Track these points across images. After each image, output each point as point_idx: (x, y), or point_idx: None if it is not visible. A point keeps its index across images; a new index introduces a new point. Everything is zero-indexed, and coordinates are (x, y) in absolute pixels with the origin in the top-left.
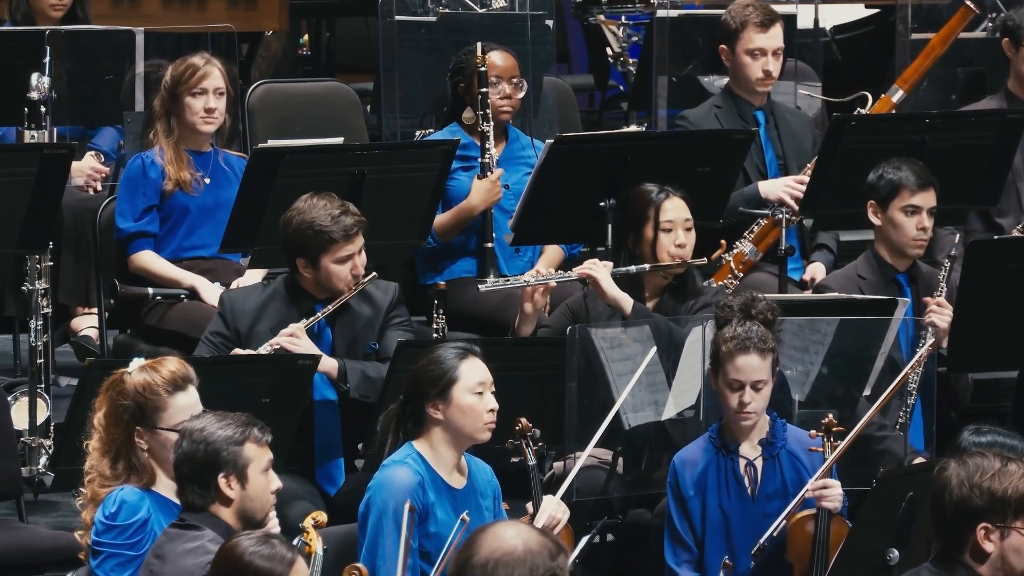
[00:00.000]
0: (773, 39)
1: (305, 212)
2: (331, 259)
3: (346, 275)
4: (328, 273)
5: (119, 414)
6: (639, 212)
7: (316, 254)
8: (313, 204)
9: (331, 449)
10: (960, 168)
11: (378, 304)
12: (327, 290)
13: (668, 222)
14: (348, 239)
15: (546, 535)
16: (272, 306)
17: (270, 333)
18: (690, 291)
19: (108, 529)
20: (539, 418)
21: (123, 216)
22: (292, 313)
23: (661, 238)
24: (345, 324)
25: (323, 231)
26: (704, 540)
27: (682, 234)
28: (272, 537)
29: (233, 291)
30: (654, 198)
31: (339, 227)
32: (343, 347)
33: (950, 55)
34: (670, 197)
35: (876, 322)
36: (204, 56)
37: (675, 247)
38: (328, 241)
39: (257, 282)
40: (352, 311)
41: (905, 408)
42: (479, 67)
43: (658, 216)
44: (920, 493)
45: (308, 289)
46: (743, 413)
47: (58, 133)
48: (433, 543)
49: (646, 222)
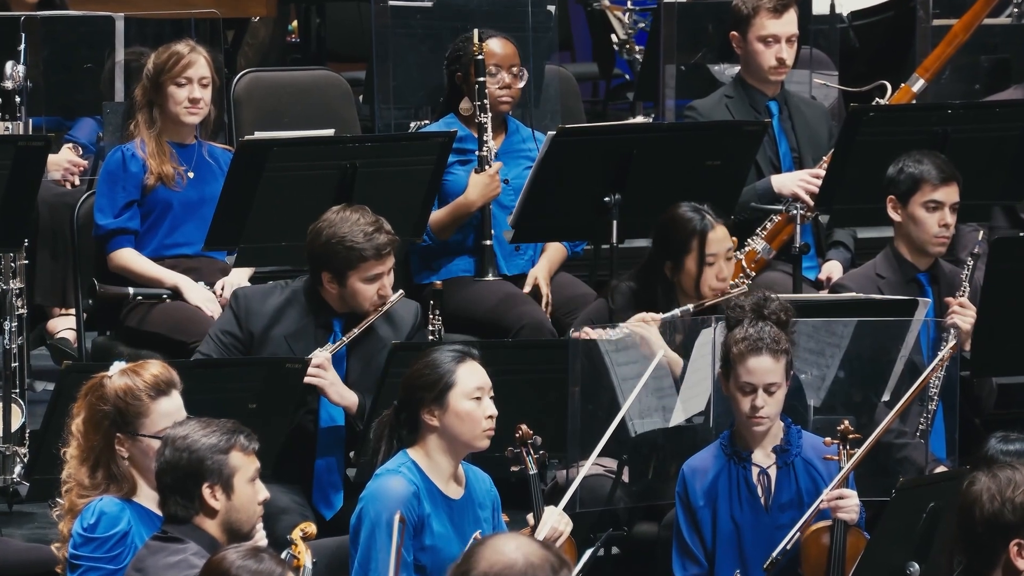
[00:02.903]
0: (787, 25)
1: (337, 225)
2: (359, 277)
3: (372, 295)
4: (354, 292)
5: (98, 420)
6: (680, 241)
7: (344, 271)
8: (346, 218)
9: (332, 475)
10: (984, 161)
11: (400, 326)
12: (349, 306)
13: (712, 255)
14: (380, 259)
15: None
16: (289, 312)
17: (284, 340)
18: None
19: (87, 542)
20: (540, 425)
21: (102, 212)
22: (310, 322)
23: (706, 272)
24: (363, 346)
25: (355, 248)
26: (714, 553)
27: (724, 266)
28: (260, 550)
29: (248, 289)
30: (697, 227)
31: (372, 245)
32: (358, 369)
33: (973, 42)
34: (715, 227)
35: (895, 323)
36: (188, 43)
37: (718, 281)
38: (358, 259)
39: (272, 283)
40: (372, 332)
41: (926, 414)
42: (477, 55)
43: (703, 248)
44: (942, 504)
45: (329, 301)
46: (755, 418)
47: (34, 124)
48: (428, 556)
49: (687, 254)
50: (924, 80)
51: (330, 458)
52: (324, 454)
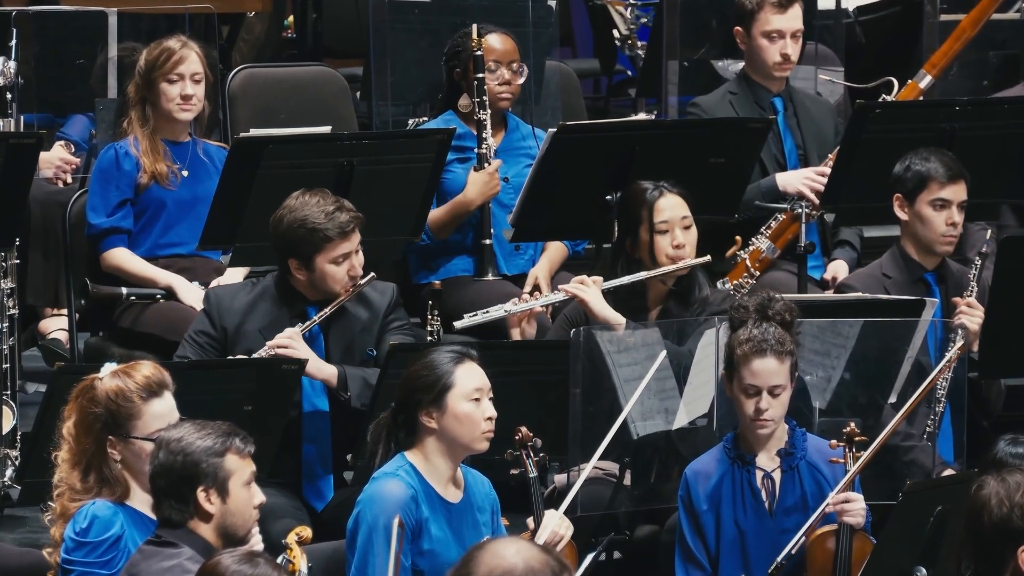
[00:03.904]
0: (792, 20)
1: (297, 209)
2: (326, 259)
3: (342, 276)
4: (323, 274)
5: (90, 423)
6: (634, 213)
7: (310, 254)
8: (305, 201)
9: (320, 463)
10: (992, 159)
11: (375, 307)
12: (321, 292)
13: (663, 223)
14: (344, 236)
15: (548, 553)
16: (261, 306)
17: (259, 334)
18: (696, 295)
19: (79, 546)
20: (541, 427)
21: (95, 211)
22: (283, 314)
23: (657, 240)
24: (340, 329)
25: (317, 229)
26: (718, 558)
27: (680, 234)
28: (256, 555)
29: (219, 288)
30: (647, 197)
31: (334, 224)
32: (338, 353)
33: (982, 38)
34: (664, 195)
35: (902, 324)
36: (180, 39)
37: (673, 249)
38: (322, 240)
39: (243, 280)
40: (348, 315)
41: (933, 416)
42: (476, 51)
43: (652, 217)
44: (949, 507)
45: (301, 290)
46: (760, 421)
47: (25, 122)
48: (427, 561)
49: (641, 224)
50: (931, 76)
51: (316, 445)
52: (310, 442)
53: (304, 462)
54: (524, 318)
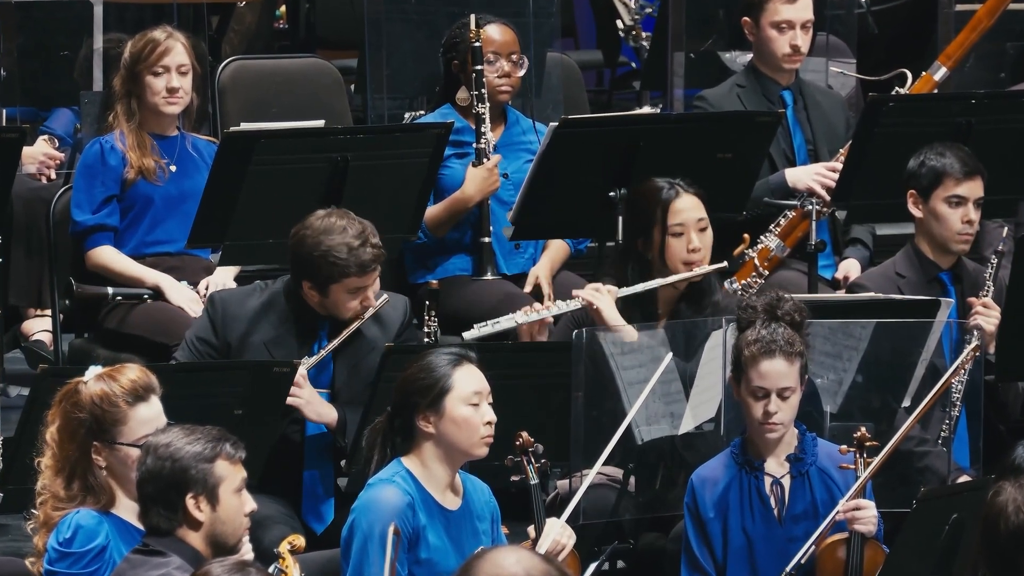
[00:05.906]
0: (802, 10)
1: (320, 234)
2: (342, 289)
3: (355, 306)
4: (335, 302)
5: (74, 428)
6: (647, 212)
7: (326, 283)
8: (331, 226)
9: (322, 486)
10: (1010, 154)
11: (388, 325)
12: (329, 312)
13: (679, 225)
14: (364, 274)
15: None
16: (270, 317)
17: (264, 347)
18: (708, 299)
19: (62, 557)
20: (542, 432)
21: (80, 208)
22: (291, 328)
23: (671, 244)
24: (349, 350)
25: (338, 264)
26: (725, 567)
27: (695, 237)
28: (247, 564)
29: (225, 293)
30: (662, 197)
31: (355, 261)
32: (344, 374)
33: (999, 28)
34: (680, 195)
35: (916, 325)
36: (165, 30)
37: (688, 253)
38: (341, 275)
39: (253, 284)
40: (359, 333)
41: (948, 420)
42: (474, 42)
43: (666, 218)
44: (965, 515)
45: (312, 304)
46: (768, 424)
47: (7, 115)
48: (424, 570)
49: (654, 224)
50: (946, 68)
51: (319, 469)
52: (312, 464)
53: (305, 485)
54: (536, 328)
